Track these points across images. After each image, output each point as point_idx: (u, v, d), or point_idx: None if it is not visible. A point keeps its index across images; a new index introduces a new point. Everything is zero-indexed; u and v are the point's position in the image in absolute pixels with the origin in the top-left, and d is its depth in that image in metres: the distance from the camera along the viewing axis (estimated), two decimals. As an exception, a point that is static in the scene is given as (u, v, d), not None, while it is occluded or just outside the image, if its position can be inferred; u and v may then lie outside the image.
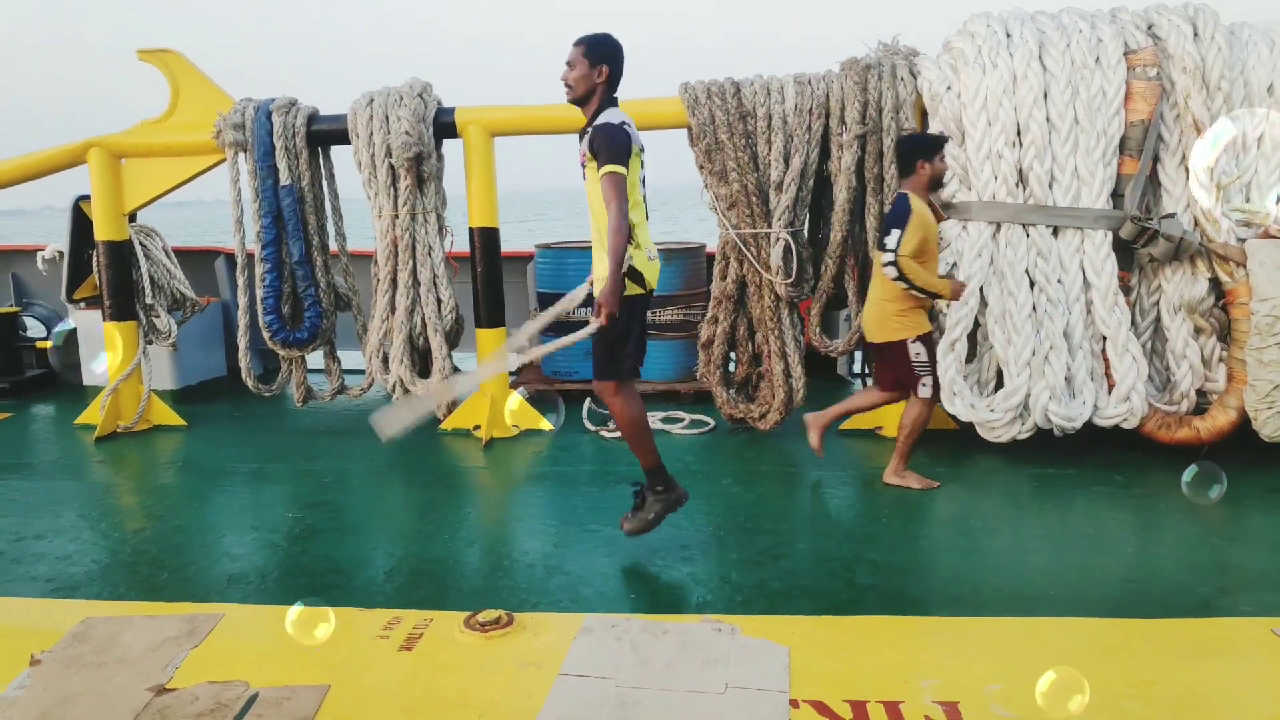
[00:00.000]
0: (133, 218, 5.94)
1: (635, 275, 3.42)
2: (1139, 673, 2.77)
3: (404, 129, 5.30)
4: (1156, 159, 4.80)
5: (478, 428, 5.53)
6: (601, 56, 3.45)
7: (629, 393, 3.59)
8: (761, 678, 2.76)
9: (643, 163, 3.49)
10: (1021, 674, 2.74)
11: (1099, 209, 4.74)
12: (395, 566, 3.72)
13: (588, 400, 5.97)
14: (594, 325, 3.37)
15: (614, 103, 3.49)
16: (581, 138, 3.49)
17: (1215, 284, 4.74)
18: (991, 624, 3.11)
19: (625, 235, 3.28)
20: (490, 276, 5.58)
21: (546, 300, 6.51)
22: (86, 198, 5.97)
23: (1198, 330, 4.79)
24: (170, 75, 5.79)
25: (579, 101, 3.50)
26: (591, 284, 3.67)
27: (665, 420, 5.68)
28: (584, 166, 3.48)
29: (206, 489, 4.81)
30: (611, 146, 3.30)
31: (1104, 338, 4.73)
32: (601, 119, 3.39)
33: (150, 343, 6.01)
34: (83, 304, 6.48)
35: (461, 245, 5.68)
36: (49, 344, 7.32)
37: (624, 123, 3.38)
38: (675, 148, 5.52)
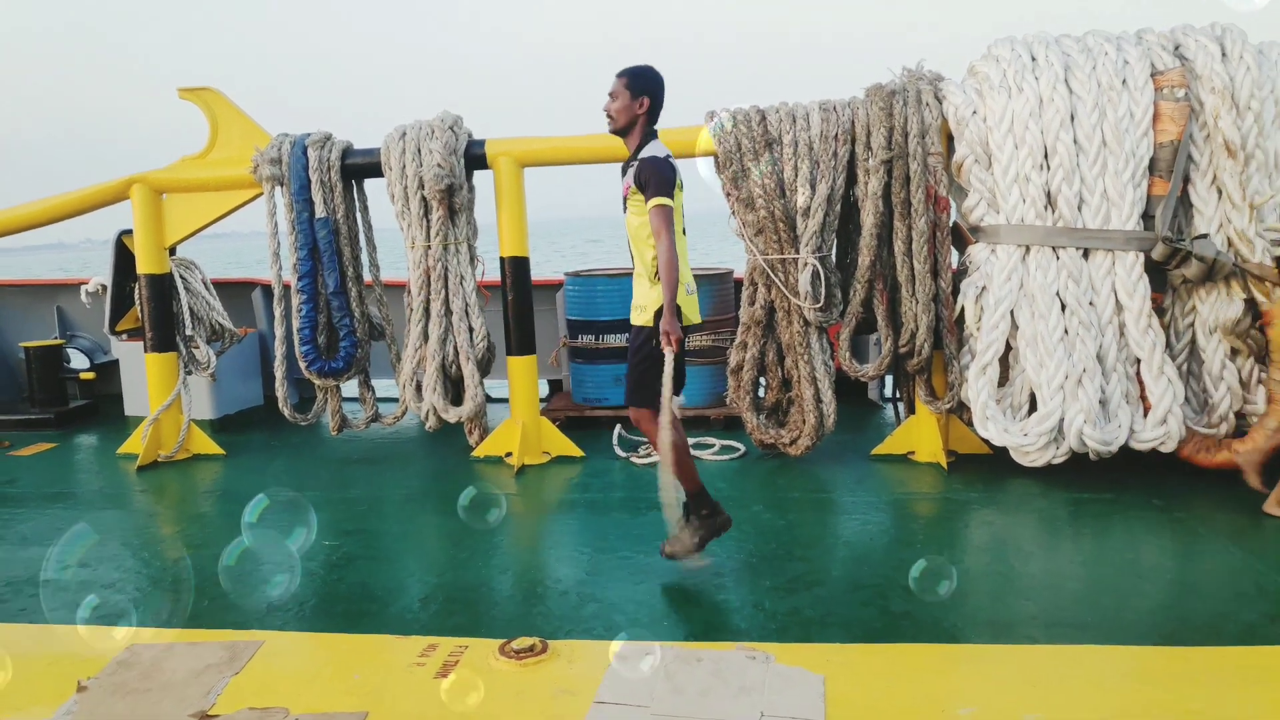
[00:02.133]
0: (173, 251, 6.09)
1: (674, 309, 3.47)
2: (1183, 702, 2.72)
3: (436, 161, 5.40)
4: (1187, 180, 4.78)
5: (509, 455, 5.57)
6: (643, 88, 3.54)
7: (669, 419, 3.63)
8: (797, 706, 2.75)
9: (682, 196, 3.56)
10: (1060, 703, 2.72)
11: (1129, 230, 4.71)
12: (430, 594, 3.76)
13: (618, 427, 6.01)
14: (670, 359, 3.42)
15: (655, 135, 3.57)
16: (624, 171, 3.56)
17: (1251, 304, 4.69)
18: (1029, 651, 3.08)
19: (676, 265, 3.34)
20: (521, 305, 5.65)
21: (577, 327, 6.58)
22: (128, 232, 6.14)
23: (1235, 352, 4.73)
24: (209, 112, 5.96)
25: (620, 132, 3.59)
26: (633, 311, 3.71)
27: (696, 446, 5.69)
28: (625, 199, 3.54)
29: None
30: (660, 179, 3.38)
31: (1138, 360, 4.69)
32: (646, 152, 3.47)
33: (190, 373, 6.13)
34: (125, 336, 6.64)
35: (492, 274, 5.76)
36: (92, 375, 7.49)
37: (668, 156, 3.46)
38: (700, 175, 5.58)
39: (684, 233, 3.57)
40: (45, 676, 3.13)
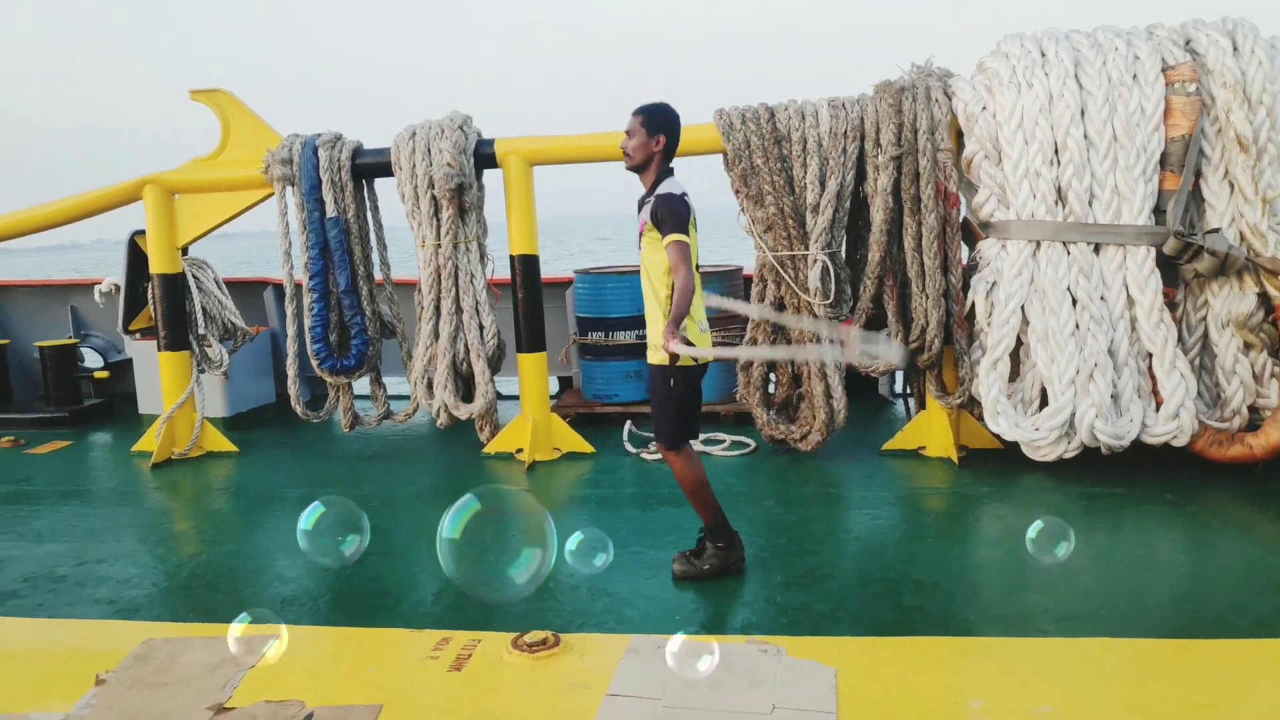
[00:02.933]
0: (185, 251, 6.13)
1: (688, 347, 3.48)
2: (1195, 695, 2.72)
3: (446, 160, 5.43)
4: (1199, 174, 4.76)
5: (520, 451, 5.59)
6: (659, 126, 3.59)
7: (688, 454, 3.67)
8: (808, 699, 2.76)
9: (697, 232, 3.58)
10: (1073, 695, 2.72)
11: (1141, 225, 4.70)
12: (443, 588, 3.77)
13: (628, 423, 6.02)
14: (676, 347, 3.38)
15: (671, 172, 3.62)
16: (640, 208, 3.60)
17: (1264, 298, 4.68)
18: (1041, 644, 3.08)
19: (691, 293, 3.36)
20: (531, 302, 5.67)
21: (586, 324, 6.60)
22: (141, 232, 6.19)
23: (1247, 346, 4.71)
24: (220, 113, 5.99)
25: (636, 169, 3.64)
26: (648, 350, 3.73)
27: (706, 442, 5.70)
28: (640, 235, 3.58)
29: (258, 513, 4.93)
30: (675, 215, 3.43)
31: (1150, 355, 4.67)
32: (663, 189, 3.51)
33: (203, 371, 6.18)
34: (138, 335, 6.69)
35: (502, 272, 5.78)
36: (106, 374, 7.55)
37: (684, 194, 3.51)
38: (709, 172, 5.60)
39: (697, 268, 3.59)
40: (64, 670, 3.17)
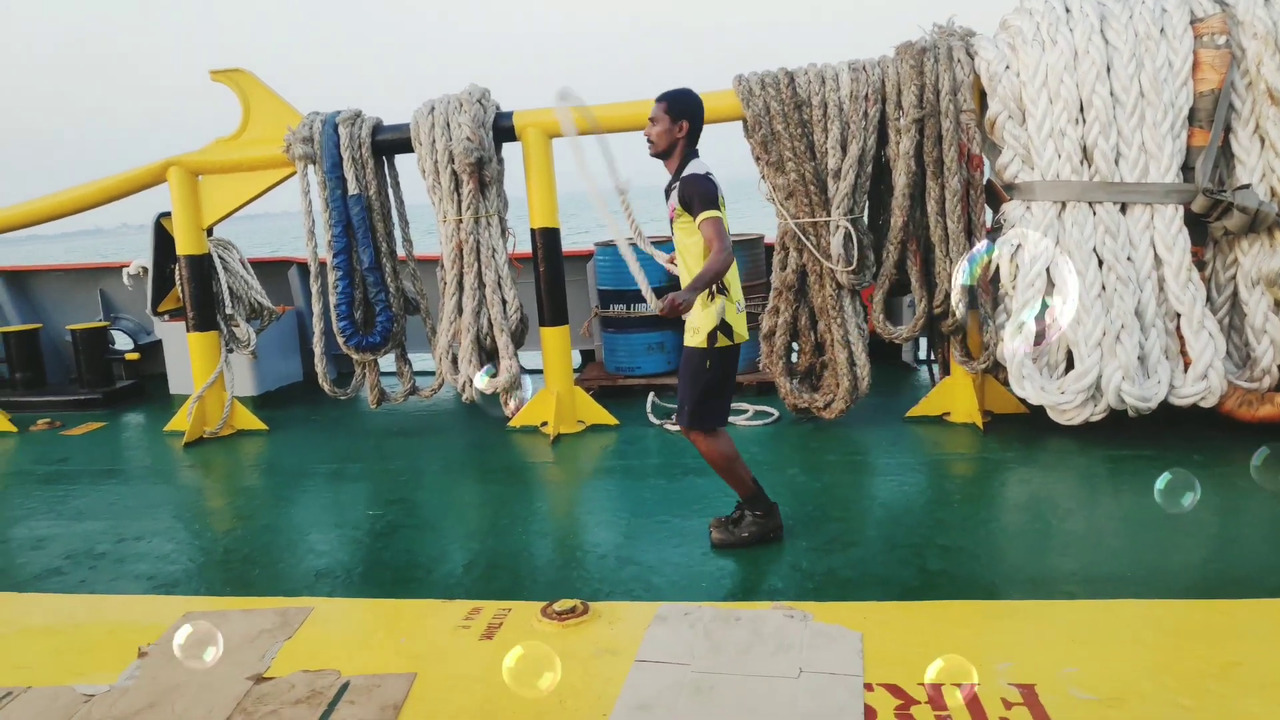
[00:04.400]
0: (210, 232, 6.20)
1: (725, 328, 3.51)
2: (1222, 654, 2.72)
3: (465, 135, 5.42)
4: (1228, 129, 4.67)
5: (545, 424, 5.64)
6: (682, 112, 3.59)
7: (716, 434, 3.67)
8: (835, 662, 2.79)
9: (726, 210, 3.57)
10: (1099, 656, 2.73)
11: (1168, 183, 4.62)
12: (473, 560, 3.84)
13: (651, 394, 6.04)
14: (654, 307, 3.42)
15: (696, 154, 3.61)
16: (668, 194, 3.60)
17: (1295, 255, 4.59)
18: (1067, 606, 3.09)
19: (727, 263, 3.35)
20: (553, 276, 5.68)
21: (608, 297, 6.61)
22: (167, 214, 6.25)
23: (1278, 304, 4.64)
24: (241, 93, 6.02)
25: (661, 155, 3.64)
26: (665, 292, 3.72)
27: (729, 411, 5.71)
28: (672, 221, 3.58)
29: (290, 489, 5.01)
30: (702, 194, 3.43)
31: (1178, 315, 4.62)
32: (688, 171, 3.51)
33: (231, 351, 6.26)
34: (167, 316, 6.79)
35: (523, 246, 5.79)
36: (137, 355, 7.68)
37: (709, 173, 3.50)
38: (730, 139, 5.56)
39: (732, 249, 3.57)
40: (107, 644, 3.26)
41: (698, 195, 3.43)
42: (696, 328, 3.54)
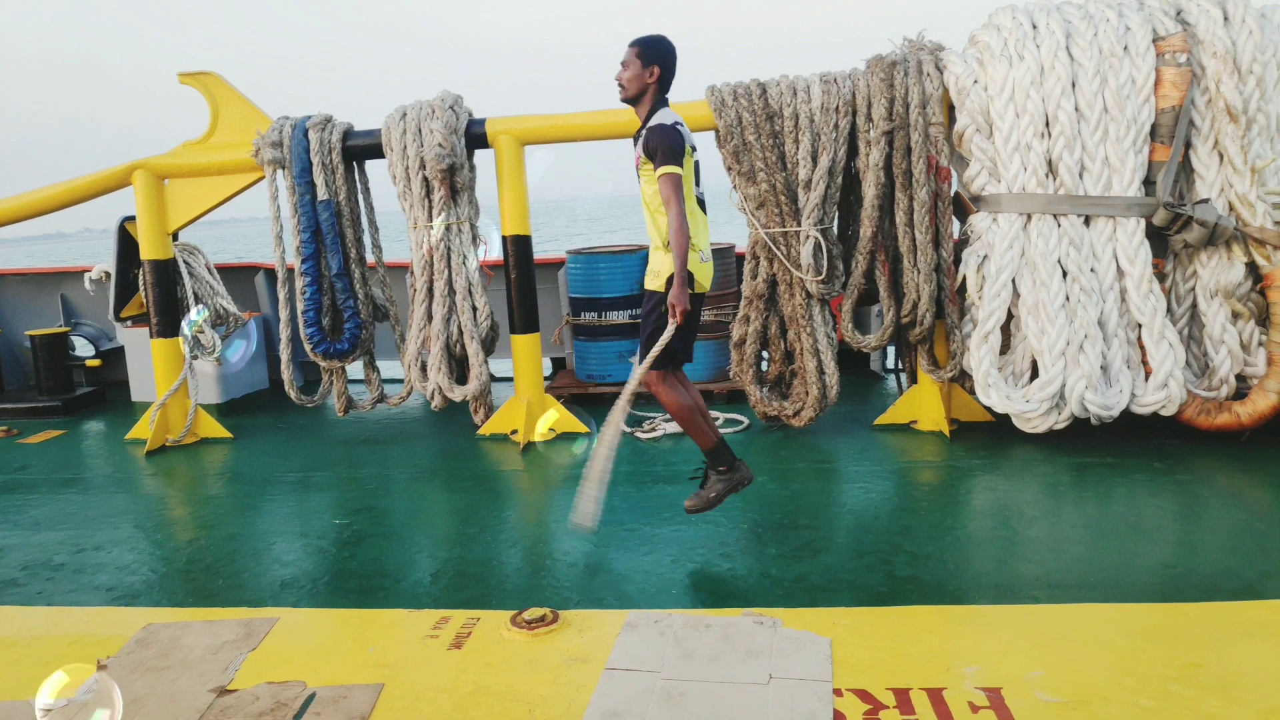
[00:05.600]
0: (175, 236, 6.11)
1: (687, 276, 3.51)
2: (1183, 656, 2.77)
3: (437, 141, 5.40)
4: (1188, 145, 4.78)
5: (515, 432, 5.61)
6: (654, 58, 3.58)
7: (674, 382, 3.67)
8: (804, 668, 2.80)
9: (696, 162, 3.59)
10: (1063, 659, 2.77)
11: (1131, 197, 4.72)
12: (441, 568, 3.81)
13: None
14: (671, 328, 3.46)
15: (665, 103, 3.61)
16: (636, 141, 3.59)
17: (1252, 268, 4.71)
18: (1032, 611, 3.13)
19: (687, 234, 3.37)
20: (524, 283, 5.67)
21: (579, 305, 6.61)
22: (131, 218, 6.15)
23: (1235, 315, 4.75)
24: (210, 96, 5.95)
25: (631, 101, 3.63)
26: (646, 279, 3.73)
27: (700, 420, 5.73)
28: (638, 170, 3.57)
29: (255, 498, 4.94)
30: (667, 147, 3.41)
31: (1139, 325, 4.71)
32: (654, 120, 3.50)
33: (195, 358, 6.17)
34: (129, 322, 6.68)
35: (494, 253, 5.78)
36: (98, 362, 7.53)
37: (676, 123, 3.49)
38: (702, 148, 5.57)
39: (700, 199, 3.59)
40: (66, 657, 3.18)
41: (661, 147, 3.42)
42: (657, 272, 3.56)
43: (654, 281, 3.60)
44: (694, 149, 3.57)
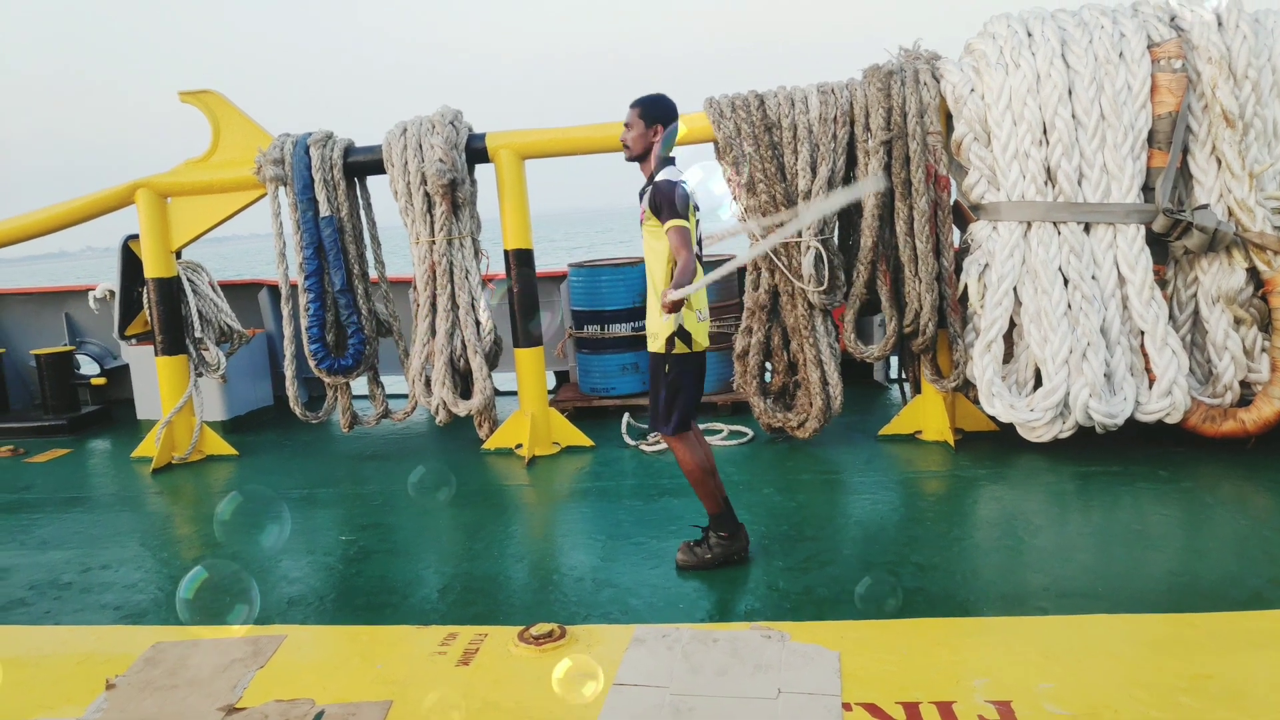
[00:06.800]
0: (179, 254, 6.13)
1: (684, 335, 3.57)
2: (1192, 666, 2.77)
3: (438, 156, 5.43)
4: (1186, 151, 4.79)
5: (519, 446, 5.62)
6: (656, 117, 3.66)
7: (692, 442, 3.70)
8: (813, 682, 2.80)
9: (698, 221, 3.62)
10: (1073, 671, 2.76)
11: (1130, 203, 4.73)
12: (448, 584, 3.81)
13: (626, 415, 6.05)
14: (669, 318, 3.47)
15: (671, 161, 3.66)
16: (641, 197, 3.64)
17: (1253, 273, 4.71)
18: (1041, 622, 3.12)
19: (694, 271, 3.40)
20: (526, 297, 5.68)
21: (581, 318, 6.62)
22: (135, 237, 6.18)
23: (1238, 321, 4.75)
24: (211, 115, 5.98)
25: (636, 159, 3.72)
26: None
27: (704, 432, 5.71)
28: (642, 224, 3.62)
29: (261, 515, 4.94)
30: (673, 202, 3.48)
31: (1142, 333, 4.71)
32: (660, 177, 3.55)
33: (200, 375, 6.18)
34: (134, 340, 6.69)
35: (496, 267, 5.79)
36: (103, 380, 7.55)
37: (681, 182, 3.55)
38: (702, 160, 5.59)
39: (699, 259, 3.62)
40: (74, 676, 3.19)
41: (667, 203, 3.49)
42: (655, 334, 3.60)
43: (653, 344, 3.64)
44: (697, 208, 3.62)
